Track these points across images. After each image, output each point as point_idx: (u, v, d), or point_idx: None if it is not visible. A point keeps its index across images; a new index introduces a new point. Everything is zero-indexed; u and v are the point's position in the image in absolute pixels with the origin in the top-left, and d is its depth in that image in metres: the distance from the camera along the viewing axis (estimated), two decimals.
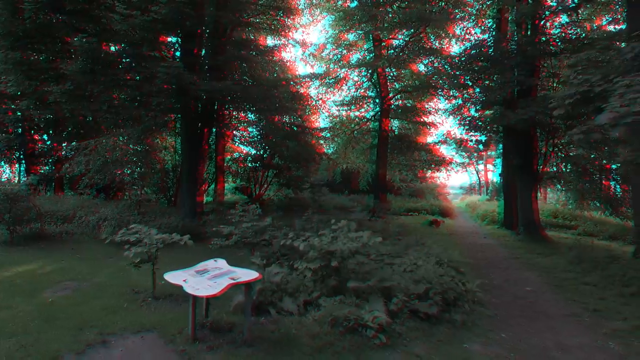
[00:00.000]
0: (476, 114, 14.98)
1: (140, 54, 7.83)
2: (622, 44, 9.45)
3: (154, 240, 4.98)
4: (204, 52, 12.90)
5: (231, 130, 17.77)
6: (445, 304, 5.69)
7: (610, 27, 14.50)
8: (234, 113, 17.33)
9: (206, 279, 3.98)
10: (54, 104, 8.07)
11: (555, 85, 12.78)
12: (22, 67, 7.49)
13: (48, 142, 15.24)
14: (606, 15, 13.23)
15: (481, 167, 39.68)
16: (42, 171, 17.74)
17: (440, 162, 17.99)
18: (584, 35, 13.21)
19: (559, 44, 11.89)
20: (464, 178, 52.50)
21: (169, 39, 11.56)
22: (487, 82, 13.56)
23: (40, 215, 9.64)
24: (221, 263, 4.50)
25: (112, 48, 8.43)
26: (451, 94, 15.37)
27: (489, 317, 5.84)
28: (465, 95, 15.13)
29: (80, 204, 11.85)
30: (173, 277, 4.15)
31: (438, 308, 5.30)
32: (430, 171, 32.06)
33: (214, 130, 16.08)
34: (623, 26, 12.19)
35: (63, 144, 16.44)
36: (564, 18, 15.62)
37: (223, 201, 16.86)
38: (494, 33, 15.11)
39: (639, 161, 5.72)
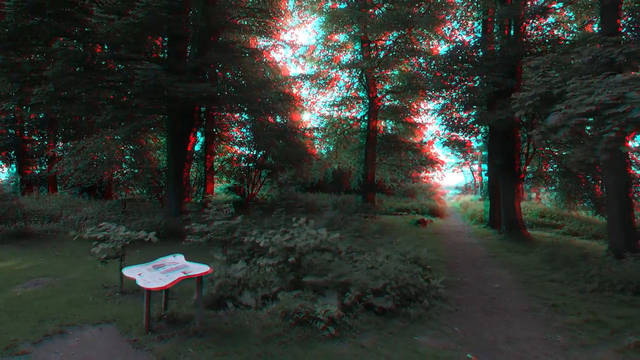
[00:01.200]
0: (464, 115, 15.18)
1: (119, 57, 8.04)
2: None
3: (118, 237, 5.18)
4: (190, 53, 13.14)
5: (220, 131, 17.97)
6: (406, 299, 5.89)
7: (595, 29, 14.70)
8: (224, 114, 17.57)
9: (160, 272, 4.18)
10: (35, 105, 8.30)
11: None
12: (4, 69, 7.72)
13: (40, 143, 15.47)
14: (588, 17, 13.39)
15: (476, 167, 39.80)
16: (37, 171, 18.03)
17: (428, 162, 18.17)
18: (569, 36, 13.44)
19: (537, 45, 12.07)
20: (460, 178, 52.77)
21: (157, 41, 11.80)
22: (469, 83, 13.75)
23: (25, 214, 9.85)
24: (179, 259, 4.70)
25: (94, 51, 8.58)
26: (436, 94, 15.55)
27: (448, 311, 6.03)
28: (454, 95, 15.31)
29: (68, 203, 12.07)
30: (130, 271, 4.35)
31: (394, 303, 5.49)
32: (423, 171, 32.54)
33: (203, 130, 16.32)
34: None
35: (58, 144, 16.74)
36: (550, 19, 15.85)
37: (212, 201, 17.04)
38: (479, 35, 15.31)
39: (590, 161, 5.92)
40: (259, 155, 19.23)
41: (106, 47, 7.91)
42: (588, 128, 6.85)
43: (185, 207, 8.62)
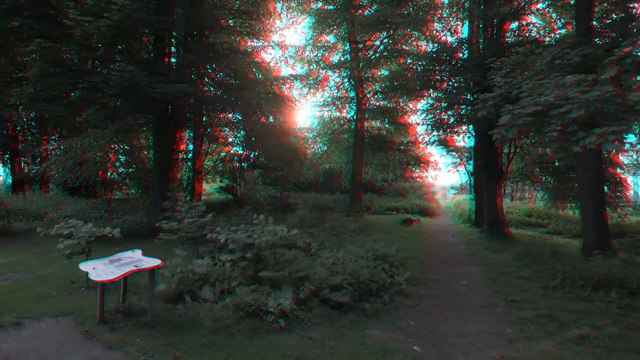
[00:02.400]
0: (449, 113, 15.32)
1: (97, 58, 8.22)
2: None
3: (80, 233, 5.36)
4: (176, 54, 13.34)
5: (211, 131, 18.15)
6: (365, 294, 6.05)
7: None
8: (216, 114, 17.73)
9: (113, 266, 4.36)
10: (14, 105, 8.48)
11: None
12: None
13: (31, 142, 15.69)
14: (569, 19, 13.52)
15: (471, 167, 39.83)
16: (32, 170, 18.25)
17: (415, 162, 18.31)
18: (551, 38, 13.56)
19: (517, 46, 12.21)
20: (456, 178, 52.92)
21: (143, 41, 11.97)
22: (451, 83, 13.92)
23: (9, 213, 10.04)
24: (136, 254, 4.87)
25: (74, 52, 8.74)
26: (422, 94, 15.71)
27: (407, 306, 6.17)
28: (440, 95, 15.46)
29: (54, 202, 12.25)
30: (86, 266, 4.53)
31: (352, 297, 5.65)
32: (417, 170, 32.65)
33: (190, 130, 16.52)
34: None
35: (52, 143, 16.96)
36: (534, 19, 15.98)
37: (200, 200, 17.22)
38: (464, 36, 15.48)
39: (543, 160, 6.07)
40: (252, 155, 19.42)
41: (83, 48, 8.06)
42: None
43: (164, 205, 8.78)
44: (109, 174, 19.82)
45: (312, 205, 19.56)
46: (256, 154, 19.03)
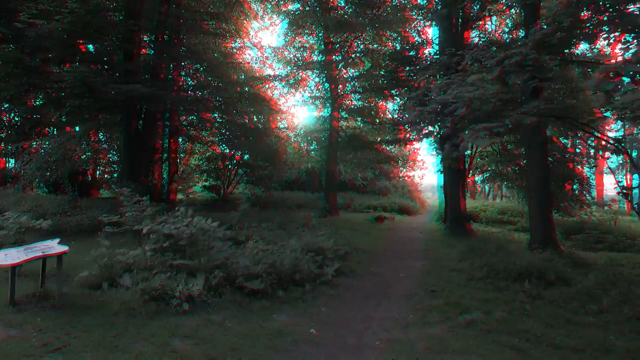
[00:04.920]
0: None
1: (50, 59, 8.58)
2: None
3: (8, 224, 5.70)
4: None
5: (189, 131, 18.49)
6: (289, 283, 6.37)
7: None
8: (191, 114, 18.08)
9: (23, 253, 4.69)
10: None
11: None
12: None
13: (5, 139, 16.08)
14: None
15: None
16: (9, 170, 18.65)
17: (387, 160, 18.66)
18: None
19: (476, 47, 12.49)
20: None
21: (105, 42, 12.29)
22: (418, 82, 14.21)
23: None
24: (53, 242, 5.20)
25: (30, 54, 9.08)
26: (389, 93, 16.01)
27: (329, 296, 6.45)
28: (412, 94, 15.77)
29: (17, 199, 12.54)
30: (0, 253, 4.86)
31: (269, 285, 5.96)
32: (404, 169, 32.90)
33: (167, 129, 16.84)
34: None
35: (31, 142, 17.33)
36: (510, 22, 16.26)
37: (175, 199, 17.54)
38: (434, 37, 15.78)
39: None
40: (236, 154, 19.75)
41: (36, 49, 8.40)
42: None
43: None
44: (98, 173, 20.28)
45: (292, 202, 19.99)
46: (239, 153, 19.37)
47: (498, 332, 4.82)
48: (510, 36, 13.44)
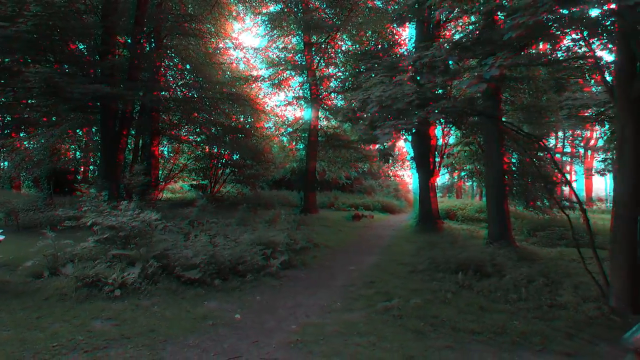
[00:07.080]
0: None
1: (16, 60, 8.93)
2: None
3: None
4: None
5: (169, 131, 18.82)
6: (229, 273, 6.68)
7: None
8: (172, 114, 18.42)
9: None
10: None
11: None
12: None
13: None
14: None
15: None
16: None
17: (364, 159, 18.99)
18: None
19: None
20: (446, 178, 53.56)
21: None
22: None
23: None
24: None
25: None
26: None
27: (271, 286, 6.70)
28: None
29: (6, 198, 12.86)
30: None
31: (208, 275, 6.26)
32: (394, 169, 33.19)
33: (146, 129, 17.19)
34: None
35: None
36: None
37: (158, 198, 17.84)
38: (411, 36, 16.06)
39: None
40: (225, 153, 20.10)
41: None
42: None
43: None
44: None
45: (278, 200, 20.27)
46: (227, 152, 19.71)
47: (408, 317, 5.10)
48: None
